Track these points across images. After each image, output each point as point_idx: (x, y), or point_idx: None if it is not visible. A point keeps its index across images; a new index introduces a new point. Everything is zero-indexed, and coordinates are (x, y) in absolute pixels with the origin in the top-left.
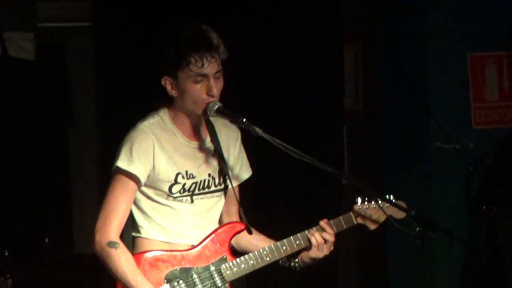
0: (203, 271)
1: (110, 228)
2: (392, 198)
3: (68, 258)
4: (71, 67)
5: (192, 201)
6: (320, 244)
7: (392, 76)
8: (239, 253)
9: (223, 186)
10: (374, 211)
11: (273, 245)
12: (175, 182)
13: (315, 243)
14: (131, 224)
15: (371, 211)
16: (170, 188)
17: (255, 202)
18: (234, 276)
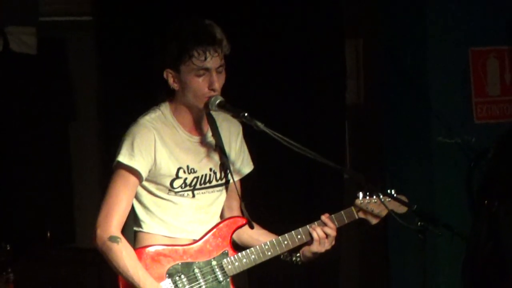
0: (204, 265)
1: (112, 222)
2: (393, 193)
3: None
4: (73, 61)
5: (193, 195)
6: (322, 238)
7: (394, 71)
8: (241, 247)
9: (224, 180)
10: (376, 206)
11: (274, 239)
12: (177, 176)
13: (317, 238)
14: (133, 219)
15: (373, 205)
16: (172, 182)
17: (256, 196)
18: (235, 271)
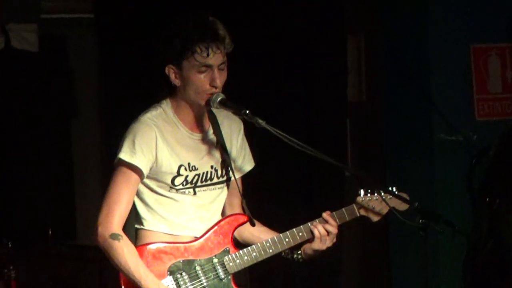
0: (206, 263)
1: (113, 220)
2: (394, 190)
3: (71, 249)
4: (74, 58)
5: (194, 193)
6: (323, 236)
7: (395, 67)
8: (242, 245)
9: (225, 178)
10: (377, 203)
11: (275, 237)
12: (178, 174)
13: (318, 235)
14: (134, 216)
15: (374, 203)
16: (173, 180)
17: (258, 194)
18: (237, 268)
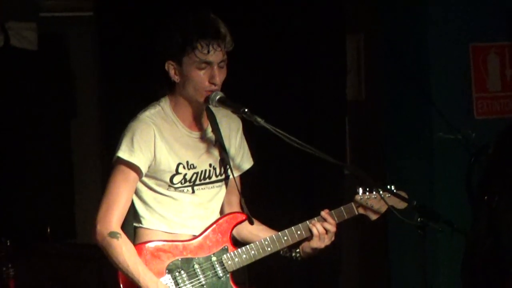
0: (204, 261)
1: (112, 218)
2: (393, 189)
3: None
4: (73, 57)
5: (193, 191)
6: (321, 234)
7: (394, 66)
8: (241, 243)
9: (224, 176)
10: (376, 202)
11: (274, 235)
12: (176, 172)
13: (316, 233)
14: (133, 215)
15: (373, 201)
16: (171, 178)
17: (256, 192)
18: (235, 267)
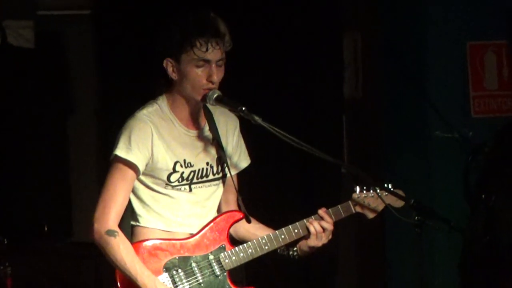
0: (202, 259)
1: (109, 216)
2: (390, 187)
3: (67, 246)
4: (71, 55)
5: (190, 190)
6: (319, 232)
7: (391, 64)
8: (238, 242)
9: (221, 174)
10: (373, 200)
11: (271, 234)
12: (174, 170)
13: (314, 232)
14: (130, 213)
15: (370, 199)
16: (169, 177)
17: (253, 190)
18: (232, 265)
